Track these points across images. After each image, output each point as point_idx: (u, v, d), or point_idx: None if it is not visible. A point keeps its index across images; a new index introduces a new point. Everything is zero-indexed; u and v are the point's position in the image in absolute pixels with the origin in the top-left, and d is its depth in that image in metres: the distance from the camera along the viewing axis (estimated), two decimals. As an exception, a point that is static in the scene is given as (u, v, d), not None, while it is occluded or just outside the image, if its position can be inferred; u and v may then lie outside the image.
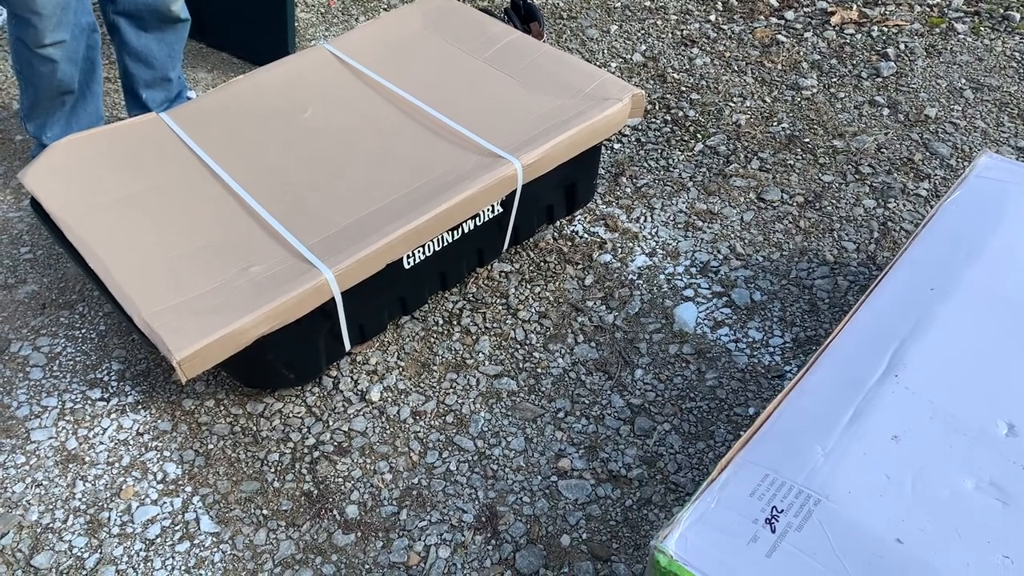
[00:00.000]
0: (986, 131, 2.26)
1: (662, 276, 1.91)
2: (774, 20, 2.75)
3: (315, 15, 2.89)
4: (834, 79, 2.49)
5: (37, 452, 1.60)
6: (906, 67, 2.51)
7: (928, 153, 2.21)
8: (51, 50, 1.90)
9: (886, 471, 1.14)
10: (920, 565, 1.03)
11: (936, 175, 2.14)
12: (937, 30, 2.66)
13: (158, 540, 1.46)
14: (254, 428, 1.63)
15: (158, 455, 1.59)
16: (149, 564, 1.43)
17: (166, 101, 2.22)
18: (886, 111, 2.36)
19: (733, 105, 2.40)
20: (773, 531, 1.07)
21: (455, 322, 1.82)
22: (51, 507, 1.52)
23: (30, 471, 1.57)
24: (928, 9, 2.76)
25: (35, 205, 1.66)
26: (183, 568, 1.42)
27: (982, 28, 2.66)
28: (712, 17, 2.78)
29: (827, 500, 1.10)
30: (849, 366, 1.30)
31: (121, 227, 1.57)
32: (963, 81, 2.44)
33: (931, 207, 2.05)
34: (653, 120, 2.36)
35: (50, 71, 1.94)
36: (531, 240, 1.99)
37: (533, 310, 1.84)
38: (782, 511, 1.09)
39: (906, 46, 2.60)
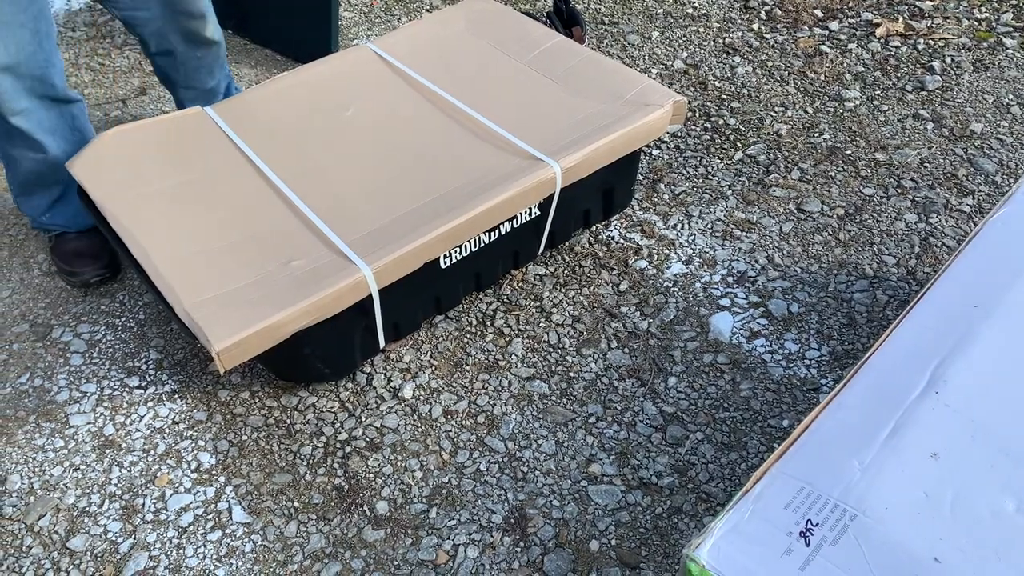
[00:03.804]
0: (1033, 148, 2.23)
1: (698, 284, 1.90)
2: (818, 30, 2.73)
3: (358, 14, 2.91)
4: (878, 91, 2.46)
5: (75, 437, 1.63)
6: (952, 81, 2.48)
7: (972, 169, 2.18)
8: (18, 120, 1.70)
9: (925, 488, 1.12)
10: (958, 585, 1.01)
11: (980, 191, 2.11)
12: (985, 44, 2.62)
13: (191, 528, 1.48)
14: (288, 421, 1.64)
15: (193, 444, 1.61)
16: (181, 551, 1.45)
17: (214, 100, 2.21)
18: (930, 125, 2.32)
19: (774, 115, 2.39)
20: (807, 544, 1.06)
21: (489, 323, 1.82)
22: (87, 491, 1.54)
23: (68, 455, 1.60)
24: (976, 23, 2.72)
25: (81, 193, 1.69)
26: (214, 557, 1.44)
27: (1031, 43, 2.62)
28: (755, 26, 2.76)
29: (864, 515, 1.08)
30: (888, 381, 1.28)
31: (165, 218, 1.59)
32: (1011, 97, 2.41)
33: (974, 224, 2.02)
34: (693, 127, 2.35)
35: (26, 146, 1.76)
36: (567, 244, 1.99)
37: (567, 314, 1.84)
38: (817, 524, 1.08)
39: (952, 60, 2.56)
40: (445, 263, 1.65)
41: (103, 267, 1.90)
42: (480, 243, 1.68)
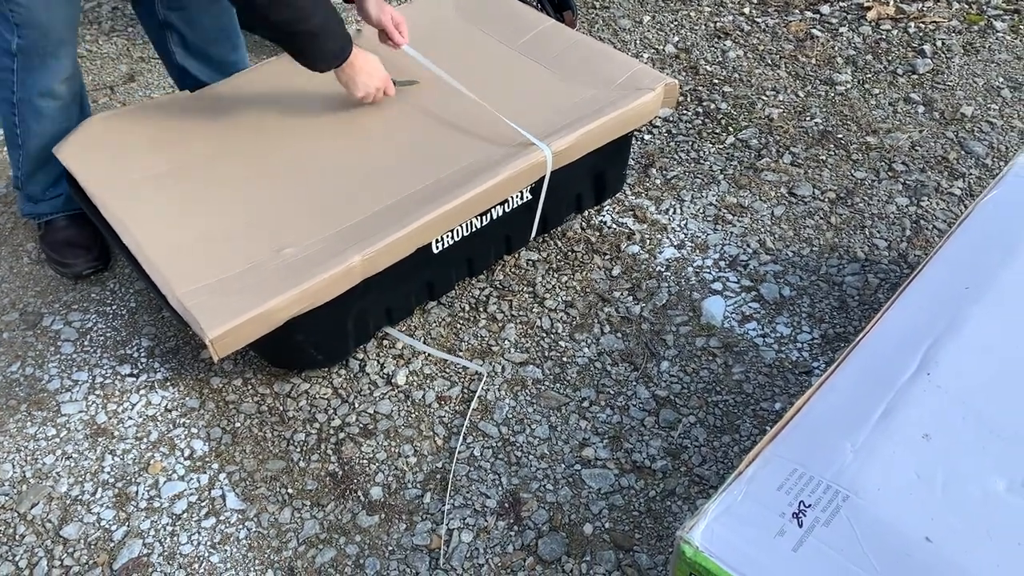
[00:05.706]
0: (1023, 131, 2.23)
1: (690, 268, 1.90)
2: (809, 14, 2.72)
3: (347, -1, 2.89)
4: (869, 75, 2.46)
5: (67, 425, 1.62)
6: (943, 64, 2.48)
7: (963, 152, 2.18)
8: (61, 88, 1.72)
9: (916, 469, 1.13)
10: (949, 565, 1.02)
11: (971, 174, 2.11)
12: (975, 28, 2.63)
13: (184, 515, 1.48)
14: (281, 408, 1.64)
15: (186, 432, 1.61)
16: (175, 539, 1.45)
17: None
18: (921, 108, 2.33)
19: (766, 99, 2.38)
20: (800, 525, 1.07)
21: (481, 309, 1.82)
22: (80, 479, 1.54)
23: (60, 443, 1.59)
24: (966, 6, 2.72)
25: (70, 180, 1.68)
26: (208, 544, 1.44)
27: (1022, 26, 2.62)
28: (746, 10, 2.75)
29: (856, 496, 1.09)
30: (880, 363, 1.29)
31: (156, 204, 1.58)
32: (1001, 80, 2.41)
33: (965, 206, 2.02)
34: (684, 112, 2.35)
35: (54, 119, 1.75)
36: (559, 229, 1.99)
37: (560, 299, 1.84)
38: (810, 506, 1.09)
39: (943, 43, 2.56)
40: (437, 248, 1.64)
41: (95, 258, 1.89)
42: (472, 228, 1.68)
